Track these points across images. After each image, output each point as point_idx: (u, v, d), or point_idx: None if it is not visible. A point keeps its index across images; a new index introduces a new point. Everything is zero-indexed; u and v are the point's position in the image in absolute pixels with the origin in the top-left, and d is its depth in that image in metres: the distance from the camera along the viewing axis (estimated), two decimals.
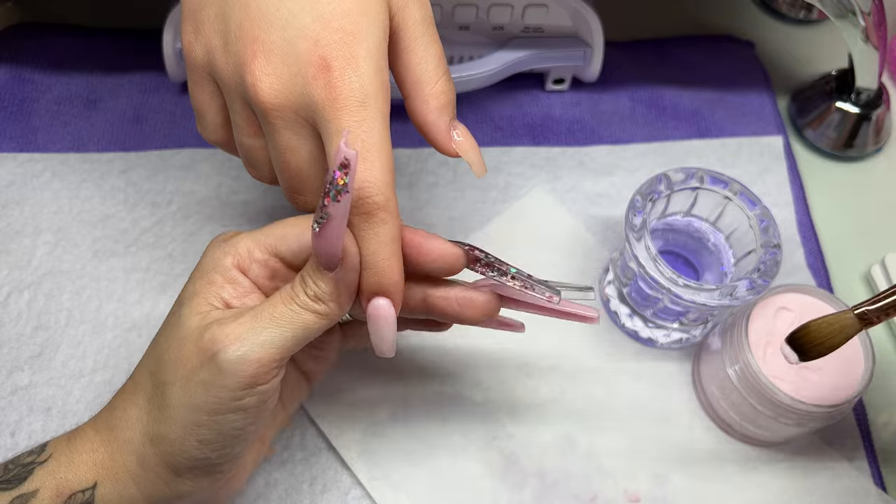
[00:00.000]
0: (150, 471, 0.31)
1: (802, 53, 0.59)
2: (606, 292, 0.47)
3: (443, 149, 0.33)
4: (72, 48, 0.54)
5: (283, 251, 0.32)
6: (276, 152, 0.32)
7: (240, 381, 0.29)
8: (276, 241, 0.32)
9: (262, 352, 0.29)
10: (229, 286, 0.31)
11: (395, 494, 0.41)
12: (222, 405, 0.30)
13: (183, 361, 0.30)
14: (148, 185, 0.49)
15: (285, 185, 0.33)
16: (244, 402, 0.30)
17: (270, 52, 0.30)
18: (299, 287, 0.30)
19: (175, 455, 0.30)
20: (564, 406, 0.44)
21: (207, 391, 0.29)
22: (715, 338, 0.43)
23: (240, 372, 0.29)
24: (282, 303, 0.30)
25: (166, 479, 0.31)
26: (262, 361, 0.29)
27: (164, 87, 0.53)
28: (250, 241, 0.32)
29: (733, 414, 0.42)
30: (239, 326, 0.29)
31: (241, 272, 0.32)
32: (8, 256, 0.46)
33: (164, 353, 0.31)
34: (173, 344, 0.31)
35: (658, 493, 0.42)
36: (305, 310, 0.30)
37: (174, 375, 0.30)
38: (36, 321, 0.44)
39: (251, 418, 0.31)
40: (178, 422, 0.30)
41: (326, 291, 0.30)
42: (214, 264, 0.32)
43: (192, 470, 0.31)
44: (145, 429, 0.31)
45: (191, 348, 0.30)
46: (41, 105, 0.52)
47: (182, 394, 0.30)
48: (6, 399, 0.42)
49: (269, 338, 0.29)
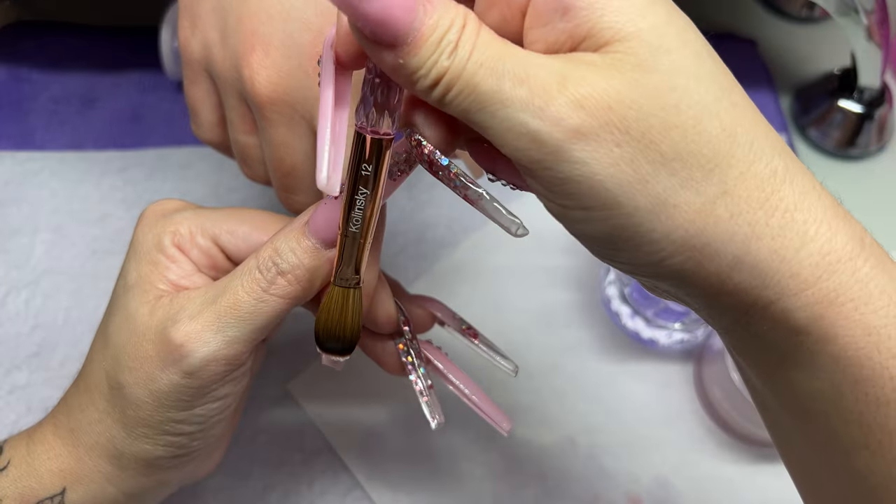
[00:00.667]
0: (128, 469, 0.30)
1: (805, 52, 0.59)
2: (607, 293, 0.47)
3: None
4: (69, 47, 0.54)
5: (224, 243, 0.30)
6: (271, 148, 0.31)
7: (210, 380, 0.28)
8: (223, 234, 0.30)
9: (228, 349, 0.28)
10: (174, 266, 0.29)
11: (394, 496, 0.41)
12: (194, 401, 0.29)
13: (143, 363, 0.28)
14: (146, 184, 0.49)
15: (278, 184, 0.33)
16: (218, 392, 0.29)
17: (269, 45, 0.29)
18: (269, 264, 0.27)
19: (152, 451, 0.30)
20: (565, 407, 0.44)
21: (176, 392, 0.28)
22: (717, 338, 0.43)
23: (210, 372, 0.28)
24: (244, 291, 0.27)
25: (146, 472, 0.30)
26: (229, 357, 0.28)
27: (161, 85, 0.53)
28: (193, 225, 0.30)
29: (735, 415, 0.42)
30: (200, 325, 0.27)
31: (182, 252, 0.30)
32: (6, 255, 0.46)
33: (119, 352, 0.29)
34: (128, 342, 0.29)
35: (660, 494, 0.42)
36: (272, 295, 0.27)
37: (135, 377, 0.28)
38: (34, 320, 0.44)
39: (229, 401, 0.30)
40: (148, 422, 0.29)
41: (309, 268, 0.27)
42: (155, 243, 0.30)
43: (174, 459, 0.30)
44: (112, 433, 0.30)
45: (149, 349, 0.28)
46: (39, 104, 0.51)
47: (147, 396, 0.28)
48: (4, 399, 0.42)
49: (233, 333, 0.27)
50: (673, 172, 0.21)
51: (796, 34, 0.60)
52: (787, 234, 0.22)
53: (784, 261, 0.22)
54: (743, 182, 0.21)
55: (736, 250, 0.22)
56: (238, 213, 0.31)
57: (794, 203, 0.22)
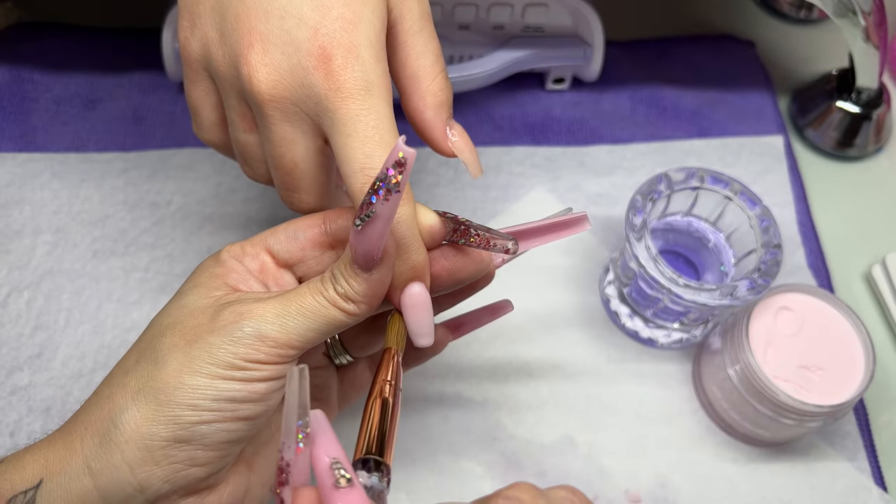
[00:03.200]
0: (115, 451, 0.28)
1: (803, 53, 0.59)
2: (607, 292, 0.47)
3: (438, 148, 0.33)
4: (71, 48, 0.54)
5: (271, 244, 0.31)
6: (271, 146, 0.31)
7: (250, 354, 0.28)
8: (265, 236, 0.32)
9: (282, 335, 0.28)
10: (232, 273, 0.31)
11: (394, 495, 0.41)
12: (226, 371, 0.28)
13: (188, 330, 0.29)
14: (147, 185, 0.49)
15: (279, 183, 0.33)
16: (250, 373, 0.28)
17: (268, 42, 0.29)
18: (329, 282, 0.29)
19: (152, 425, 0.28)
20: (565, 406, 0.44)
21: (212, 354, 0.28)
22: (715, 338, 0.43)
23: (253, 345, 0.28)
24: (310, 294, 0.29)
25: (132, 463, 0.28)
26: (278, 342, 0.28)
27: (163, 86, 0.53)
28: (242, 241, 0.32)
29: (734, 414, 0.42)
30: (265, 306, 0.29)
31: (238, 262, 0.31)
32: (7, 256, 0.46)
33: (166, 327, 0.29)
34: (181, 318, 0.29)
35: (659, 493, 0.42)
36: (333, 306, 0.29)
37: (172, 341, 0.29)
38: (35, 321, 0.44)
39: (252, 395, 0.29)
40: (167, 384, 0.28)
41: (359, 292, 0.29)
42: (213, 261, 0.32)
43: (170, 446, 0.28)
44: (116, 403, 0.29)
45: (201, 320, 0.29)
46: (40, 105, 0.52)
47: (179, 355, 0.28)
48: (5, 399, 0.42)
49: (291, 322, 0.29)
50: None
51: (794, 35, 0.61)
52: None
53: None
54: None
55: None
56: (282, 224, 0.32)
57: None
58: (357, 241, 0.27)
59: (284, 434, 0.25)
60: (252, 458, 0.33)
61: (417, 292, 0.30)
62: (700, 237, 0.46)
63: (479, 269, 0.32)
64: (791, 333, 0.41)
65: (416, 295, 0.30)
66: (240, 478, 0.32)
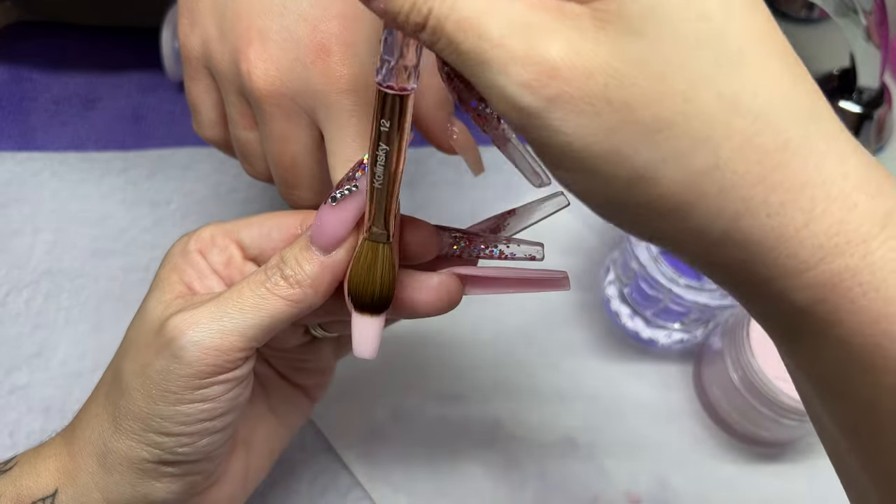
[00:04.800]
0: (113, 471, 0.29)
1: (804, 52, 0.59)
2: (607, 292, 0.47)
3: (440, 145, 0.33)
4: (70, 47, 0.54)
5: (242, 237, 0.30)
6: (270, 143, 0.31)
7: (197, 370, 0.27)
8: (238, 227, 0.31)
9: (221, 338, 0.27)
10: (190, 269, 0.30)
11: (394, 495, 0.41)
12: (181, 395, 0.27)
13: (142, 350, 0.28)
14: (147, 185, 0.49)
15: (279, 179, 0.33)
16: (206, 392, 0.28)
17: (267, 39, 0.29)
18: (274, 269, 0.28)
19: (137, 451, 0.28)
20: (565, 407, 0.44)
21: (165, 380, 0.27)
22: (716, 338, 0.43)
23: (196, 359, 0.27)
24: (248, 287, 0.28)
25: (132, 481, 0.29)
26: (220, 349, 0.27)
27: (162, 85, 0.53)
28: (214, 228, 0.31)
29: (735, 415, 0.42)
30: (199, 312, 0.27)
31: (202, 255, 0.30)
32: (6, 255, 0.46)
33: (129, 344, 0.29)
34: (138, 335, 0.29)
35: (659, 494, 0.42)
36: (275, 295, 0.27)
37: (132, 365, 0.28)
38: (35, 320, 0.44)
39: (220, 409, 0.28)
40: (136, 414, 0.28)
41: (309, 274, 0.27)
42: (180, 249, 0.31)
43: (161, 466, 0.29)
44: (103, 427, 0.29)
45: (150, 338, 0.28)
46: (40, 104, 0.52)
47: (139, 384, 0.28)
48: (4, 398, 0.42)
49: (230, 324, 0.27)
50: (655, 145, 0.20)
51: (795, 35, 0.60)
52: (788, 211, 0.20)
53: (782, 239, 0.20)
54: (741, 155, 0.20)
55: (724, 226, 0.21)
56: (259, 216, 0.31)
57: (805, 178, 0.20)
58: (328, 216, 0.27)
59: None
60: (249, 437, 0.33)
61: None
62: None
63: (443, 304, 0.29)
64: None
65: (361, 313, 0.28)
66: (238, 463, 0.33)
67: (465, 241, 0.30)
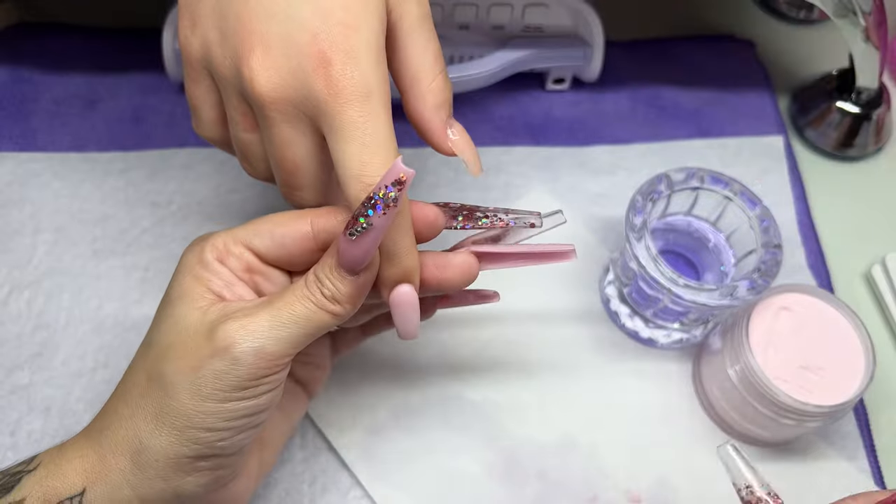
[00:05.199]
0: (148, 468, 0.30)
1: (803, 53, 0.59)
2: (607, 292, 0.47)
3: (438, 147, 0.33)
4: (71, 48, 0.54)
5: (256, 245, 0.32)
6: (273, 147, 0.32)
7: (251, 372, 0.30)
8: (249, 235, 0.32)
9: (277, 346, 0.30)
10: (216, 278, 0.31)
11: (394, 495, 0.41)
12: (231, 393, 0.30)
13: (192, 352, 0.30)
14: (148, 185, 0.49)
15: (281, 182, 0.33)
16: (254, 391, 0.30)
17: (269, 45, 0.29)
18: (314, 286, 0.30)
19: (177, 447, 0.30)
20: (565, 406, 0.44)
21: (219, 380, 0.29)
22: (715, 338, 0.43)
23: (254, 364, 0.29)
24: (299, 302, 0.30)
25: (166, 476, 0.31)
26: (276, 355, 0.30)
27: (163, 86, 0.53)
28: (226, 236, 0.32)
29: (734, 414, 0.42)
30: (256, 321, 0.30)
31: (222, 264, 0.32)
32: (8, 256, 0.46)
33: (166, 349, 0.31)
34: (177, 340, 0.31)
35: (659, 493, 0.42)
36: (321, 310, 0.30)
37: (178, 366, 0.30)
38: (36, 320, 0.44)
39: (262, 405, 0.31)
40: (180, 412, 0.30)
41: (344, 293, 0.30)
42: (197, 260, 0.32)
43: (197, 461, 0.31)
44: (139, 426, 0.30)
45: (199, 341, 0.30)
46: (41, 105, 0.52)
47: (188, 384, 0.30)
48: (6, 398, 0.42)
49: (285, 333, 0.30)
50: None
51: (794, 36, 0.61)
52: None
53: None
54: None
55: None
56: (265, 220, 0.33)
57: None
58: (348, 249, 0.29)
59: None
60: (263, 436, 0.36)
61: (406, 291, 0.31)
62: (700, 237, 0.46)
63: (465, 278, 0.33)
64: (791, 333, 0.41)
65: (404, 294, 0.31)
66: (253, 458, 0.36)
67: (463, 213, 0.33)
